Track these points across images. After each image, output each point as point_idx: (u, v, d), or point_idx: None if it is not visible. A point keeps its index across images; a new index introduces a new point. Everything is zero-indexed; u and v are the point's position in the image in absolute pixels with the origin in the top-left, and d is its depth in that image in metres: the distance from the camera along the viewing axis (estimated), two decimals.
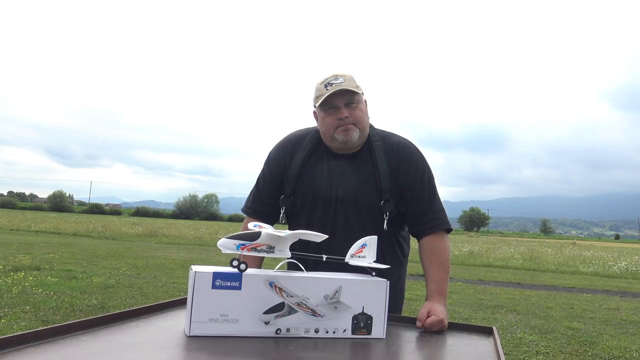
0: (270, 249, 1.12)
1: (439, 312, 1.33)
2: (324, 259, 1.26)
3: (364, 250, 1.35)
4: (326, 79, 1.50)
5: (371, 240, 1.33)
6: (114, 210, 79.30)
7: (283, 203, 1.60)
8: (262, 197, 1.65)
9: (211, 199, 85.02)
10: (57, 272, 7.38)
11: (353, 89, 1.47)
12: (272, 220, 1.62)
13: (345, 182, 1.55)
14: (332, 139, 1.53)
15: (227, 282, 1.06)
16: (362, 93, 1.53)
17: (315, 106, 1.55)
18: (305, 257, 1.26)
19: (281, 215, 1.61)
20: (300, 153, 1.59)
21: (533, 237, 78.02)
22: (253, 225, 1.18)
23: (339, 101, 1.48)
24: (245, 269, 1.09)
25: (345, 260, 1.30)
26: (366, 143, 1.58)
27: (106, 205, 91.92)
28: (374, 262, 1.28)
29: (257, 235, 1.09)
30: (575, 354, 4.35)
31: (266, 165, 1.67)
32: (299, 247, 1.23)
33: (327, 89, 1.47)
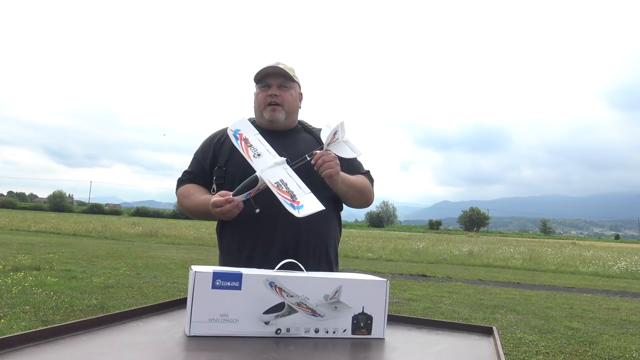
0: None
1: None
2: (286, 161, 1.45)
3: (337, 135, 1.48)
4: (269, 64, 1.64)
5: (338, 124, 1.47)
6: (114, 210, 79.27)
7: (216, 173, 1.64)
8: (200, 170, 1.70)
9: None
10: (57, 272, 7.38)
11: (287, 72, 1.62)
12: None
13: (289, 151, 1.52)
14: (261, 117, 1.65)
15: (227, 282, 1.05)
16: (298, 84, 1.69)
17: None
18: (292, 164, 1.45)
19: (213, 186, 1.64)
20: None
21: (533, 237, 78.03)
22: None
23: (273, 81, 1.62)
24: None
25: (325, 149, 1.47)
26: (298, 124, 1.73)
27: (106, 205, 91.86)
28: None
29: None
30: (575, 354, 4.35)
31: (199, 149, 1.74)
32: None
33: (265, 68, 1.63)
